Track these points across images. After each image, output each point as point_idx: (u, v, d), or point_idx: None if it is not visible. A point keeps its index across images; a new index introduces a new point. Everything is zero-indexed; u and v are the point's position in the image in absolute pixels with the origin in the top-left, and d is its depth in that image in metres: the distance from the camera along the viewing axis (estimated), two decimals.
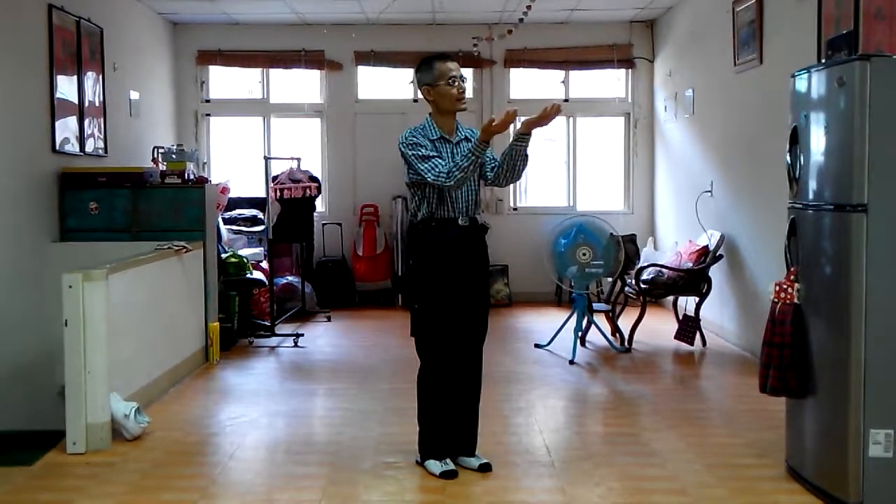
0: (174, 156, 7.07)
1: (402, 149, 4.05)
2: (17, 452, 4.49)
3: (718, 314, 7.33)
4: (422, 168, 3.97)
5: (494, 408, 5.18)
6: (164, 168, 6.94)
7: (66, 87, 6.56)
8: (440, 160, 3.98)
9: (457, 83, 4.04)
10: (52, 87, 6.34)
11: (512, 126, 4.04)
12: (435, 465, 4.09)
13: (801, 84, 3.97)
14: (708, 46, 7.70)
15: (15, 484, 4.05)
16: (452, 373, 4.10)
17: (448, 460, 4.11)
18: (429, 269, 4.08)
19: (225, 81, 9.74)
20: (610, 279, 7.51)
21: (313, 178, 8.04)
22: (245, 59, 9.48)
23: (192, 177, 6.91)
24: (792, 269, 3.93)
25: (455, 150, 4.07)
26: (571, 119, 9.75)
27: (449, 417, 4.14)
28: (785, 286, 3.91)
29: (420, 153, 3.99)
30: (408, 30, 9.41)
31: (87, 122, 6.89)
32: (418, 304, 4.11)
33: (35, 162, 6.15)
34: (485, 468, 4.12)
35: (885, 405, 3.55)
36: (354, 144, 9.60)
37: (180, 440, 4.74)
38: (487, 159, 4.14)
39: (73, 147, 6.66)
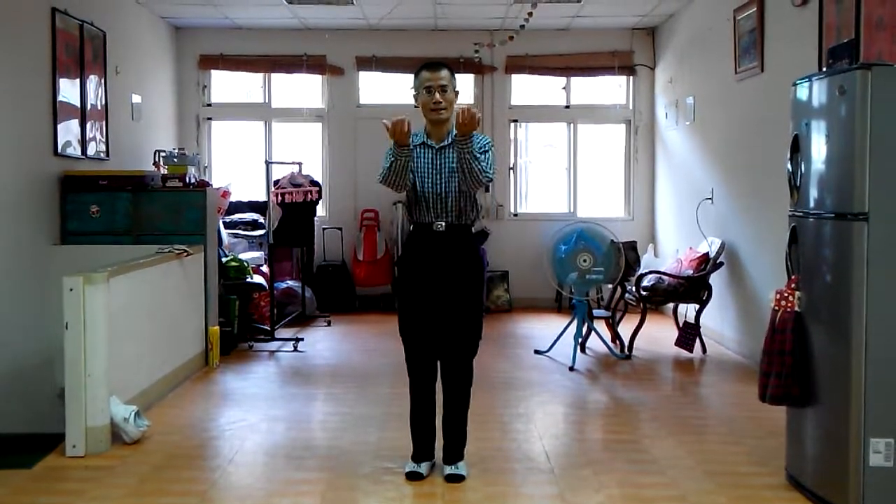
0: (175, 159, 7.09)
1: None
2: (17, 455, 4.49)
3: (719, 321, 7.33)
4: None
5: (494, 414, 5.17)
6: (166, 172, 6.96)
7: (68, 90, 6.57)
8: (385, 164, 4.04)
9: (432, 92, 4.03)
10: (54, 90, 6.35)
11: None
12: (407, 465, 4.17)
13: (802, 92, 3.98)
14: (709, 54, 7.71)
15: (14, 486, 4.05)
16: (425, 376, 4.16)
17: (423, 463, 4.14)
18: (403, 271, 4.21)
19: (226, 85, 9.76)
20: (610, 286, 7.51)
21: (314, 183, 8.05)
22: (247, 64, 9.50)
23: (193, 181, 6.92)
24: (793, 278, 3.94)
25: (436, 157, 4.09)
26: (572, 125, 9.76)
27: (425, 421, 4.18)
28: (786, 294, 3.91)
29: (387, 155, 4.03)
30: (409, 35, 9.42)
31: (89, 125, 6.90)
32: (397, 304, 4.25)
33: (37, 165, 6.15)
34: (451, 479, 4.06)
35: (886, 414, 3.55)
36: (355, 149, 9.59)
37: (180, 444, 4.73)
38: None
39: (74, 150, 6.66)
